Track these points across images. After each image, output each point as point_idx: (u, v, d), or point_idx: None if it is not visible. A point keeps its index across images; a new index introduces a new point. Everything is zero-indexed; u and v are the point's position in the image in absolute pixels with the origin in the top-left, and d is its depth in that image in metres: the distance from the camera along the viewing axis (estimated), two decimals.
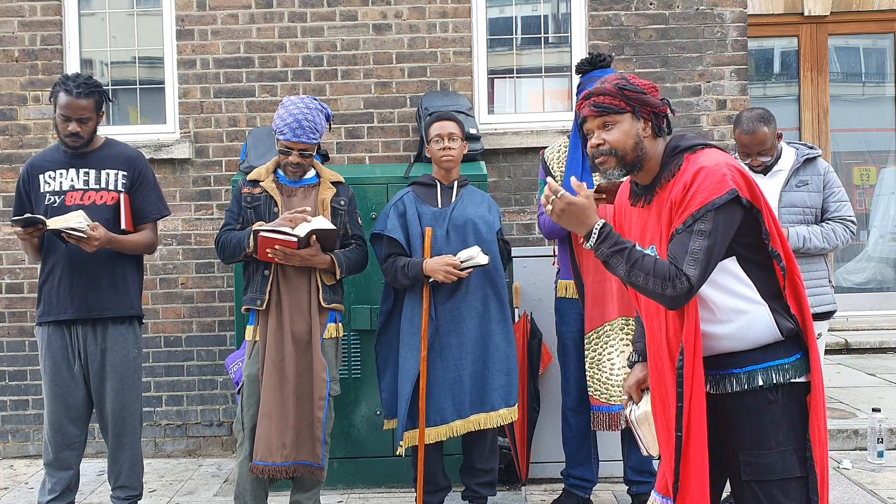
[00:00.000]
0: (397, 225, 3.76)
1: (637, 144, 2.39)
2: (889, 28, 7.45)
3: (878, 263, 7.48)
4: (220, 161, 5.23)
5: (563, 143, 3.94)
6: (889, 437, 4.77)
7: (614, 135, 2.39)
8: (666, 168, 2.40)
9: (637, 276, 2.27)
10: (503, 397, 3.73)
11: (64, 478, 3.59)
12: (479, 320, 3.73)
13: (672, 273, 2.24)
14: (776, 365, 2.35)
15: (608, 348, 3.74)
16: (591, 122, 2.44)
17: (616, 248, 2.29)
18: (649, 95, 2.41)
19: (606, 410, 3.74)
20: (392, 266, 3.73)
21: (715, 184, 2.26)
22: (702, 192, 2.26)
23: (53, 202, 3.56)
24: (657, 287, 2.25)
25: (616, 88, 2.40)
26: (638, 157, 2.40)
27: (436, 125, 3.82)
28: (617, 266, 2.30)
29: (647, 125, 2.41)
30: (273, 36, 5.21)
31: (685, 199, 2.28)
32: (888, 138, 7.56)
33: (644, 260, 2.27)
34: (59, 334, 3.57)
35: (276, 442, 3.46)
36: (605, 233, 2.30)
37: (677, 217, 2.29)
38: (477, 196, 3.88)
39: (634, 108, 2.39)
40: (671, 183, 2.35)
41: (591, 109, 2.42)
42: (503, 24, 5.46)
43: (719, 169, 2.28)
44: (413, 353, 3.72)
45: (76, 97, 3.49)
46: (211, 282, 5.22)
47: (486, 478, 3.84)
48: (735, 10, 5.24)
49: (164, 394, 5.23)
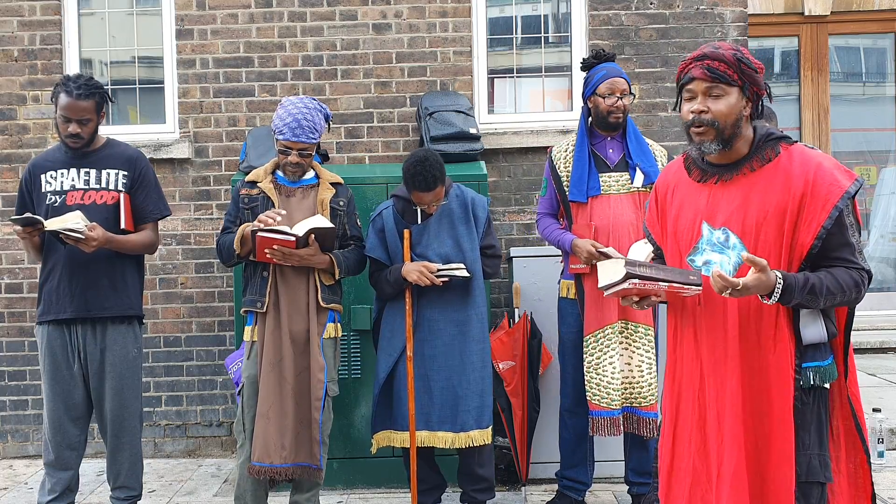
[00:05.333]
0: (377, 243, 3.74)
1: (737, 121, 2.32)
2: (889, 28, 7.44)
3: (879, 263, 7.48)
4: (220, 161, 5.22)
5: (570, 143, 3.93)
6: (889, 437, 4.78)
7: (721, 105, 2.30)
8: (759, 152, 2.33)
9: (832, 299, 2.25)
10: (476, 419, 3.68)
11: (64, 478, 3.59)
12: (457, 337, 3.69)
13: (857, 279, 2.26)
14: (815, 366, 2.33)
15: (609, 351, 3.72)
16: (698, 86, 2.32)
17: (803, 292, 2.21)
18: (759, 75, 2.34)
19: (607, 415, 3.71)
20: (377, 279, 3.76)
21: (841, 171, 2.27)
22: (836, 183, 2.24)
23: (54, 202, 3.56)
24: (850, 297, 2.27)
25: (734, 59, 2.30)
26: (734, 134, 2.32)
27: (415, 193, 3.63)
28: (811, 304, 2.26)
29: (749, 105, 2.34)
30: (273, 36, 5.21)
31: (816, 191, 2.23)
32: (888, 138, 7.55)
33: (826, 283, 2.23)
34: (58, 333, 3.56)
35: (274, 443, 3.45)
36: (788, 290, 2.21)
37: (816, 210, 2.23)
38: (458, 206, 3.73)
39: (745, 84, 2.31)
40: (766, 167, 2.30)
41: (704, 72, 2.30)
42: (503, 23, 5.45)
43: (835, 162, 2.31)
44: (385, 358, 3.74)
45: (77, 98, 3.49)
46: (211, 282, 5.22)
47: (483, 484, 3.83)
48: (735, 10, 5.23)
49: (163, 394, 5.22)
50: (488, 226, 3.80)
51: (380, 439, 3.79)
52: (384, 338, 3.77)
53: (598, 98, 3.79)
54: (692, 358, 2.41)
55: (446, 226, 3.72)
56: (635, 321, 3.74)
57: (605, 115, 3.79)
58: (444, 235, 3.71)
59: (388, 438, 3.77)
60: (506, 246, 5.02)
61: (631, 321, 3.75)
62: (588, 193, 3.78)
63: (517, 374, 4.14)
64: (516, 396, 4.14)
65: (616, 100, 3.75)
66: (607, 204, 3.77)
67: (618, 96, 3.76)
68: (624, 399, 3.74)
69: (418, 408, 3.68)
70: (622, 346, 3.74)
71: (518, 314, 4.35)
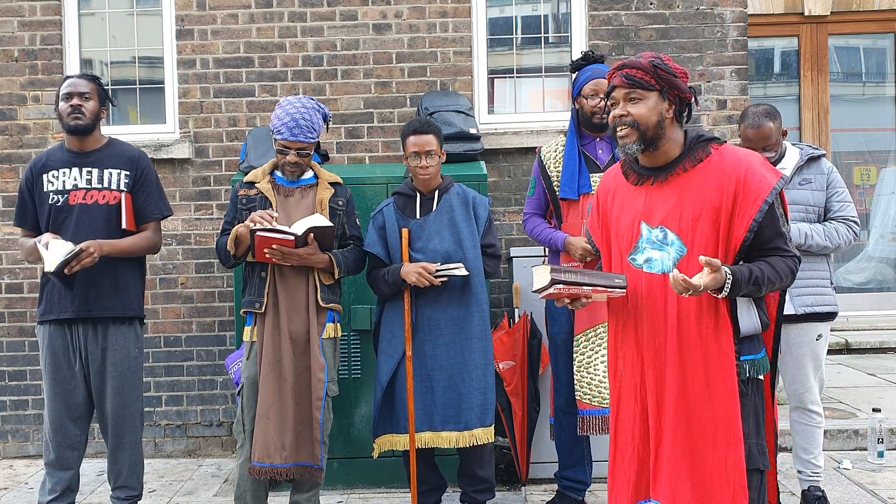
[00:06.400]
0: (376, 239, 3.73)
1: (659, 123, 2.45)
2: (889, 28, 7.45)
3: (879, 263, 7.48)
4: (220, 161, 5.23)
5: (559, 142, 3.93)
6: (889, 437, 4.77)
7: (639, 109, 2.45)
8: (691, 153, 2.47)
9: (771, 287, 2.40)
10: (479, 417, 3.66)
11: (64, 478, 3.59)
12: (458, 335, 3.67)
13: (791, 265, 2.43)
14: (751, 360, 2.48)
15: (599, 350, 3.72)
16: (619, 93, 2.49)
17: (748, 285, 2.35)
18: (679, 79, 2.48)
19: (598, 414, 3.71)
20: (374, 277, 3.74)
21: (770, 171, 2.41)
22: (764, 181, 2.38)
23: (57, 201, 3.56)
24: (786, 282, 2.43)
25: (650, 65, 2.46)
26: (657, 135, 2.46)
27: (412, 139, 3.65)
28: (755, 293, 2.40)
29: (671, 108, 2.48)
30: (273, 36, 5.21)
31: (747, 188, 2.37)
32: (888, 138, 7.56)
33: (766, 272, 2.37)
34: (59, 333, 3.57)
35: (274, 443, 3.45)
36: (737, 284, 2.33)
37: (747, 205, 2.37)
38: (459, 204, 3.72)
39: (663, 87, 2.46)
40: (698, 168, 2.44)
41: (622, 80, 2.47)
42: (503, 23, 5.46)
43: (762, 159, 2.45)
44: (386, 360, 3.72)
45: (78, 79, 3.62)
46: (211, 282, 5.22)
47: (483, 484, 3.82)
48: (735, 10, 5.23)
49: (163, 394, 5.22)
50: (489, 225, 3.79)
51: (382, 444, 3.75)
52: (384, 340, 3.75)
53: (583, 99, 3.82)
54: (633, 353, 2.53)
55: (447, 222, 3.71)
56: None
57: (589, 116, 3.82)
58: (445, 232, 3.69)
59: (391, 442, 3.73)
60: (506, 246, 5.02)
61: None
62: (579, 191, 3.78)
63: (517, 374, 4.14)
64: (516, 396, 4.14)
65: (599, 101, 3.78)
66: None
67: (601, 97, 3.77)
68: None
69: (421, 408, 3.66)
70: None
71: (518, 314, 4.36)
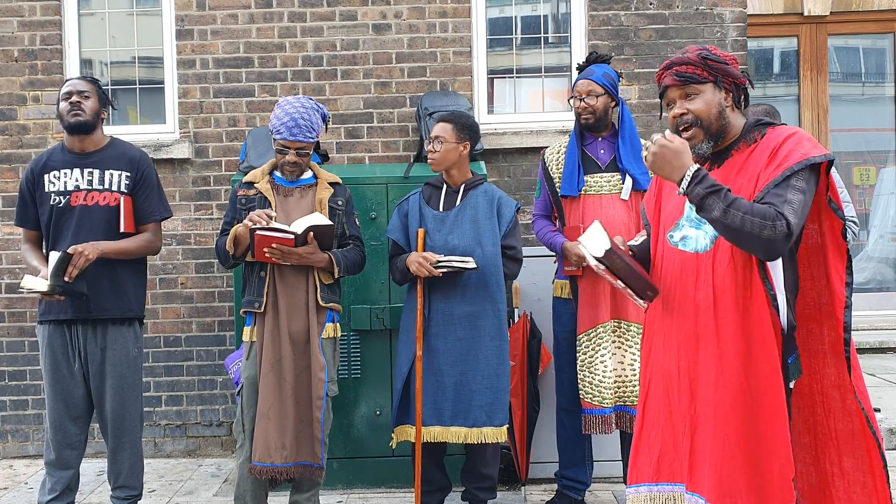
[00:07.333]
0: (398, 225, 3.78)
1: (720, 114, 2.40)
2: (889, 28, 7.45)
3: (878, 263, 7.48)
4: (220, 161, 5.23)
5: (563, 144, 3.95)
6: (889, 437, 4.78)
7: (697, 104, 2.39)
8: (745, 136, 2.41)
9: (734, 216, 2.20)
10: (487, 415, 3.64)
11: (64, 477, 3.60)
12: (471, 331, 3.66)
13: (772, 214, 2.19)
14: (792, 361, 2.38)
15: (601, 350, 3.73)
16: (673, 92, 2.43)
17: (712, 189, 2.24)
18: (731, 66, 2.42)
19: (599, 413, 3.73)
20: (391, 264, 3.80)
21: (813, 145, 2.29)
22: (799, 149, 2.27)
23: (59, 202, 3.56)
24: (755, 227, 2.18)
25: (698, 58, 2.40)
26: (722, 126, 2.41)
27: (433, 126, 3.82)
28: (713, 207, 2.23)
29: (729, 96, 2.42)
30: (273, 36, 5.21)
31: (777, 156, 2.27)
32: (888, 138, 7.55)
33: (741, 200, 2.23)
34: (59, 333, 3.57)
35: (275, 443, 3.46)
36: (699, 175, 2.27)
37: (771, 171, 2.27)
38: (485, 201, 3.74)
39: (717, 77, 2.40)
40: (751, 148, 2.37)
41: (673, 79, 2.41)
42: (503, 24, 5.46)
43: (812, 138, 2.32)
44: (406, 350, 3.74)
45: (78, 80, 3.66)
46: (211, 282, 5.22)
47: (486, 482, 3.82)
48: (735, 10, 5.24)
49: (163, 394, 5.22)
50: (513, 227, 3.76)
51: (399, 433, 3.76)
52: (404, 331, 3.78)
53: (574, 100, 3.87)
54: (663, 336, 2.48)
55: (469, 218, 3.71)
56: (628, 320, 3.76)
57: (577, 117, 3.86)
58: (466, 226, 3.70)
59: (406, 433, 3.74)
60: None
61: (623, 320, 3.76)
62: (578, 188, 3.80)
63: (517, 374, 4.15)
64: (516, 396, 4.14)
65: (579, 102, 3.81)
66: (598, 204, 3.79)
67: (581, 97, 3.80)
68: (616, 398, 3.76)
69: (432, 403, 3.67)
70: (615, 344, 3.75)
71: (518, 314, 4.36)
